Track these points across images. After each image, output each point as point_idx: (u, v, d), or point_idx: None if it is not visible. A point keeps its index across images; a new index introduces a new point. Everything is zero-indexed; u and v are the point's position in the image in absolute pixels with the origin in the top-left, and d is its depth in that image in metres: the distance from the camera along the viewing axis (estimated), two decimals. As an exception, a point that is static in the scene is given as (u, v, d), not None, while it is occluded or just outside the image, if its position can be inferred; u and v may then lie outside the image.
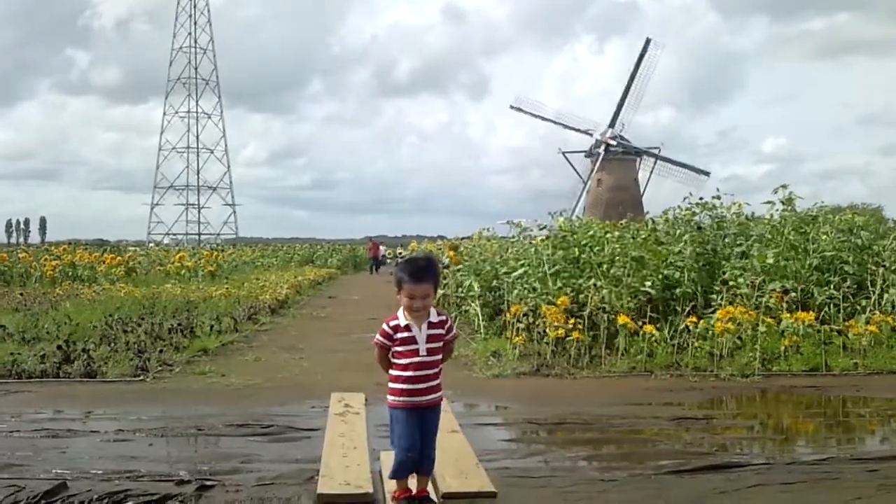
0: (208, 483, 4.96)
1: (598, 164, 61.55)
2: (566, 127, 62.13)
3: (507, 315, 11.09)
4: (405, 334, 4.36)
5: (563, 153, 63.45)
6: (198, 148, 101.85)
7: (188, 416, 6.93)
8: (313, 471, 5.13)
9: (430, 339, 4.38)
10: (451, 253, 16.71)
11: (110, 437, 6.26)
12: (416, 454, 4.38)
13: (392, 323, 4.40)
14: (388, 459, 5.23)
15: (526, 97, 63.20)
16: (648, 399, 7.86)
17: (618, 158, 61.13)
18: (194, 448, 6.09)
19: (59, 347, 9.78)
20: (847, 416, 7.54)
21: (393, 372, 4.43)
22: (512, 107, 63.07)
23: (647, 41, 60.79)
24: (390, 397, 4.44)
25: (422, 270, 4.36)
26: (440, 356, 4.47)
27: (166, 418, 6.92)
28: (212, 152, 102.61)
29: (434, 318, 4.42)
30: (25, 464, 5.42)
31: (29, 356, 9.47)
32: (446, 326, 4.47)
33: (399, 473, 4.45)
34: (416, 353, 4.36)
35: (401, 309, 4.40)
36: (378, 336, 4.44)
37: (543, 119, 62.17)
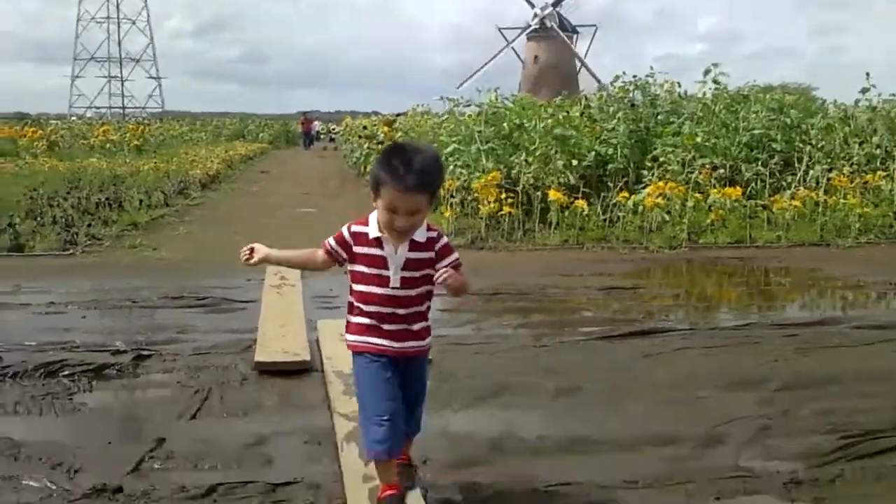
0: (145, 353, 4.97)
1: (533, 40, 60.85)
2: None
3: (441, 190, 11.10)
4: (373, 251, 2.88)
5: (500, 29, 62.47)
6: (118, 18, 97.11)
7: (121, 289, 6.86)
8: (250, 340, 5.17)
9: (408, 264, 2.87)
10: (386, 129, 16.53)
11: (42, 309, 6.18)
12: (395, 421, 2.87)
13: (356, 229, 2.91)
14: (324, 328, 5.30)
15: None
16: (580, 270, 8.05)
17: (554, 35, 60.38)
18: (128, 320, 6.04)
19: (-19, 221, 9.50)
20: (769, 285, 7.84)
21: (352, 300, 2.98)
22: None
23: None
24: (349, 336, 2.99)
25: (417, 173, 2.70)
26: (422, 289, 2.93)
27: (98, 291, 6.85)
28: (133, 23, 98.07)
29: (421, 236, 2.87)
30: (-46, 336, 5.34)
31: (-50, 230, 9.19)
32: (437, 247, 2.90)
33: (375, 452, 2.89)
34: (385, 282, 2.87)
35: (374, 213, 2.88)
36: (331, 240, 2.96)
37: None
